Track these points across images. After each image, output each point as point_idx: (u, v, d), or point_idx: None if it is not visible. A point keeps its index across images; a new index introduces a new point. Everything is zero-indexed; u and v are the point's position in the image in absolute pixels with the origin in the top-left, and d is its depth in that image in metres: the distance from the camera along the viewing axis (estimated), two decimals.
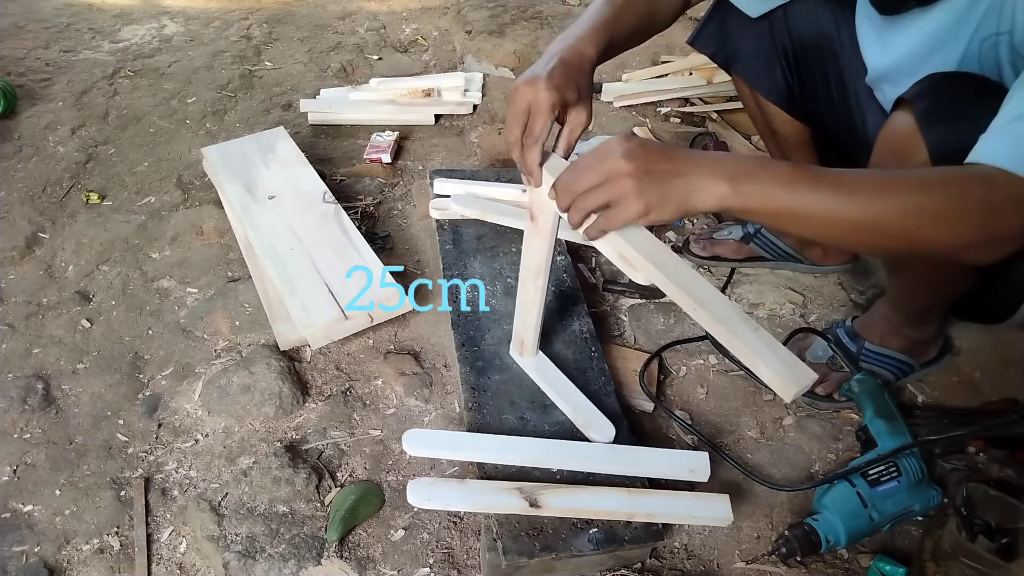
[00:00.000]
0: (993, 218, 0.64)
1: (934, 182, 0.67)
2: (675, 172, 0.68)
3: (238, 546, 0.95)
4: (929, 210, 0.65)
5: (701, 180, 0.67)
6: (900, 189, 0.66)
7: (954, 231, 0.65)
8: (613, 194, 0.69)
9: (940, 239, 0.66)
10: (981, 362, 1.21)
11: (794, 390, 0.64)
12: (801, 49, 1.11)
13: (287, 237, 1.33)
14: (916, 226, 0.65)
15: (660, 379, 1.18)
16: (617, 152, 0.68)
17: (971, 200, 0.65)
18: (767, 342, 0.66)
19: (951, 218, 0.65)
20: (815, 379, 0.65)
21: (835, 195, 0.66)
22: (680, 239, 1.47)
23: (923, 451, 0.97)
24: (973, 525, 0.84)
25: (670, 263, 0.72)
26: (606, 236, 0.74)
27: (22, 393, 1.15)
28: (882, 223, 0.66)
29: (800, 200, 0.66)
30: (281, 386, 1.13)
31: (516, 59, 2.14)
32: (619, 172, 0.68)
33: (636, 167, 0.67)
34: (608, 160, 0.69)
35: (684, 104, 1.94)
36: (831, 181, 0.67)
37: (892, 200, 0.65)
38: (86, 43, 2.31)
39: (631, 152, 0.68)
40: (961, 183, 0.66)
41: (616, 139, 0.70)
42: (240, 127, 1.88)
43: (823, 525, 0.90)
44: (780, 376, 0.64)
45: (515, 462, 0.94)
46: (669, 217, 0.69)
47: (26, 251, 1.46)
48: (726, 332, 0.67)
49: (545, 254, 0.88)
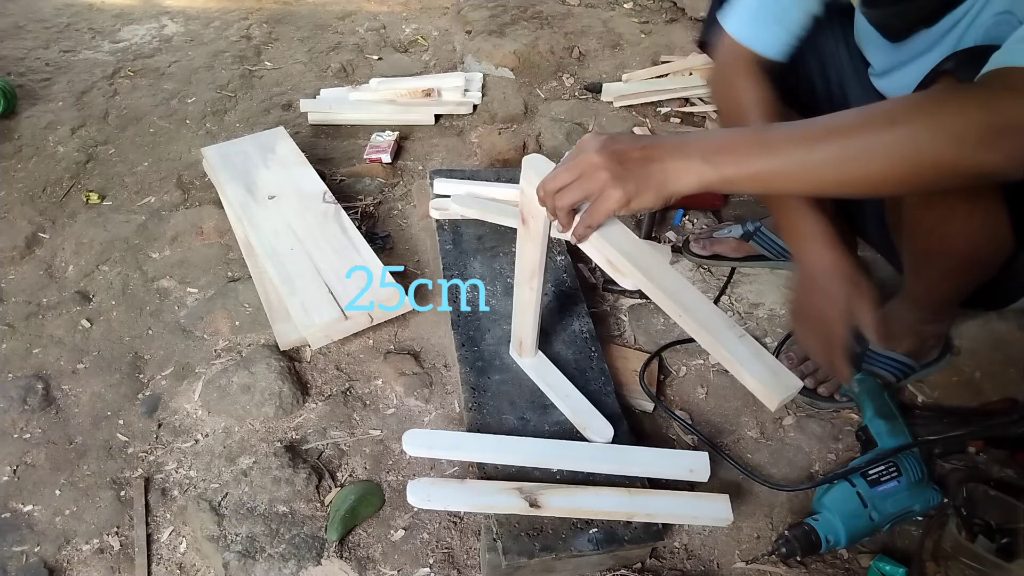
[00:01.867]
0: (995, 109, 0.60)
1: (918, 96, 0.65)
2: (649, 158, 0.68)
3: (238, 546, 0.95)
4: (919, 120, 0.62)
5: (675, 162, 0.67)
6: (882, 111, 0.64)
7: (951, 132, 0.60)
8: (590, 188, 0.69)
9: (940, 147, 0.61)
10: (981, 362, 1.21)
11: (779, 398, 0.63)
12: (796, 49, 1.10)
13: (287, 237, 1.33)
14: (908, 140, 0.62)
15: (660, 379, 1.18)
16: (589, 147, 0.69)
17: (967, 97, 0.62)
18: (752, 350, 0.66)
19: (943, 120, 0.61)
20: (800, 387, 0.65)
21: (812, 139, 0.65)
22: (680, 239, 1.47)
23: (923, 451, 0.97)
24: (973, 525, 0.84)
25: (657, 269, 0.72)
26: (593, 241, 0.74)
27: (22, 393, 1.15)
28: (870, 151, 0.63)
29: (779, 156, 0.65)
30: (281, 386, 1.13)
31: (516, 59, 2.14)
32: (593, 165, 0.68)
33: (609, 158, 0.68)
34: (581, 155, 0.70)
35: (684, 104, 1.94)
36: (805, 127, 0.66)
37: (875, 124, 0.63)
38: (86, 43, 2.31)
39: (603, 145, 0.69)
40: (954, 88, 0.64)
41: (589, 136, 0.71)
42: (240, 127, 1.88)
43: (823, 525, 0.90)
44: (764, 384, 0.64)
45: (515, 462, 0.94)
46: (651, 203, 0.69)
47: (26, 251, 1.46)
48: (711, 339, 0.67)
49: (538, 257, 0.88)
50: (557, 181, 0.72)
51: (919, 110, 0.62)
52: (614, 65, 2.14)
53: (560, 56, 2.18)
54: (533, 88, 2.05)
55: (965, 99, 0.62)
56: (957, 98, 0.62)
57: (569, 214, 0.73)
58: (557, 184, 0.72)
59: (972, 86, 0.64)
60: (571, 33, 2.27)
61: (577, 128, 1.83)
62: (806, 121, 0.67)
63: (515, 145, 1.77)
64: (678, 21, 2.37)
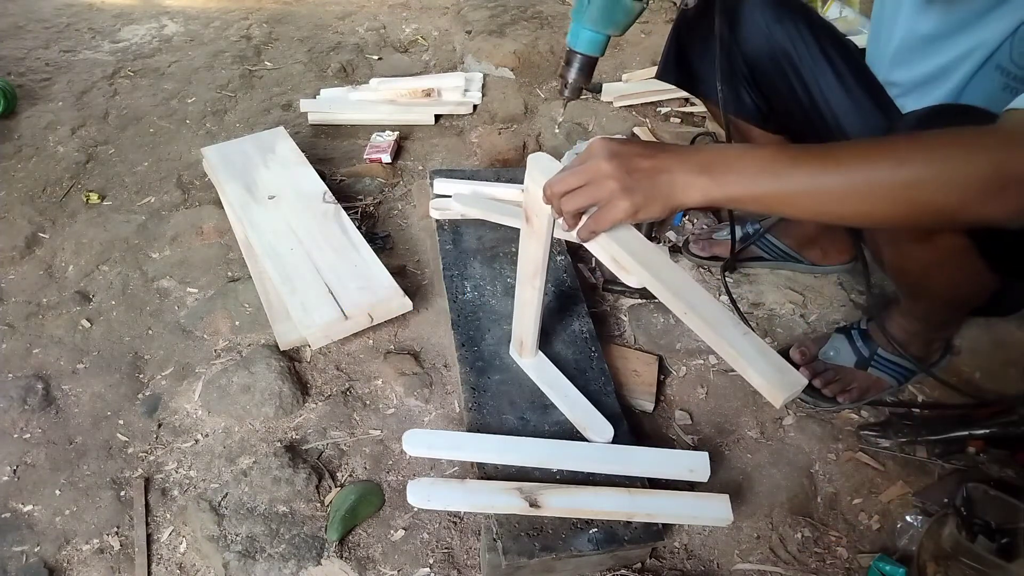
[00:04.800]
0: (1004, 161, 0.59)
1: (928, 138, 0.64)
2: (657, 169, 0.68)
3: (238, 546, 0.95)
4: (925, 165, 0.61)
5: (683, 176, 0.67)
6: (890, 150, 0.63)
7: (957, 180, 0.60)
8: (598, 196, 0.69)
9: (944, 194, 0.61)
10: (981, 362, 1.21)
11: (784, 395, 0.63)
12: (759, 68, 1.10)
13: (287, 237, 1.33)
14: (914, 183, 0.61)
15: (660, 379, 1.18)
16: (599, 154, 0.69)
17: (976, 145, 0.61)
18: (757, 347, 0.66)
19: (950, 168, 0.60)
20: (805, 384, 0.65)
21: (820, 169, 0.64)
22: (680, 239, 1.47)
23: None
24: (973, 525, 0.84)
25: (662, 267, 0.72)
26: (598, 239, 0.74)
27: (22, 393, 1.15)
28: (875, 189, 0.63)
29: (784, 181, 0.65)
30: (281, 386, 1.13)
31: (516, 59, 2.14)
32: (602, 174, 0.68)
33: (618, 167, 0.68)
34: (590, 162, 0.70)
35: (684, 104, 1.94)
36: (814, 155, 0.66)
37: (882, 162, 0.62)
38: (86, 43, 2.31)
39: (612, 153, 0.69)
40: (964, 134, 0.63)
41: (598, 141, 0.71)
42: (240, 127, 1.88)
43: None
44: (770, 381, 0.64)
45: (515, 462, 0.94)
46: (657, 214, 0.69)
47: (26, 251, 1.46)
48: (716, 336, 0.67)
49: (541, 255, 0.88)
50: (564, 184, 0.72)
51: (928, 154, 0.62)
52: (614, 65, 2.14)
53: (560, 56, 2.18)
54: (533, 88, 2.05)
55: (975, 147, 0.61)
56: (969, 145, 0.61)
57: (575, 216, 0.74)
58: (564, 187, 0.72)
59: (985, 132, 0.63)
60: None
61: (577, 128, 1.83)
62: (816, 147, 0.67)
63: (515, 145, 1.77)
64: None
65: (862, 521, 1.00)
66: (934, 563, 0.87)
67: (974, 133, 0.63)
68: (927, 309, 1.05)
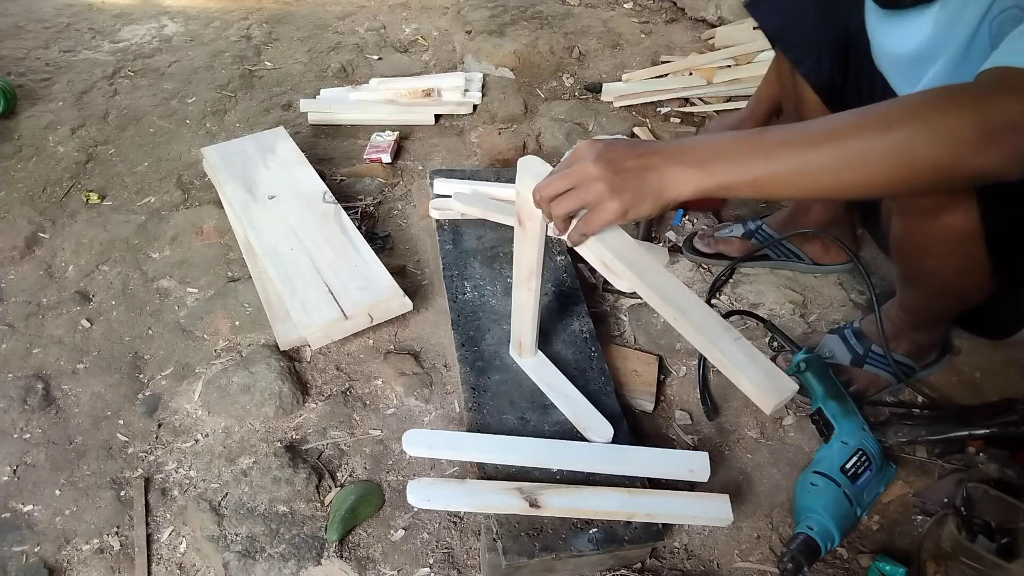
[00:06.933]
0: (991, 110, 0.59)
1: (911, 98, 0.64)
2: (645, 167, 0.68)
3: (238, 546, 0.95)
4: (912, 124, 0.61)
5: (672, 170, 0.67)
6: (876, 115, 0.63)
7: (945, 134, 0.60)
8: (586, 198, 0.69)
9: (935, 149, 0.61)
10: (981, 362, 1.21)
11: (774, 402, 0.63)
12: (854, 40, 1.04)
13: (287, 237, 1.33)
14: (904, 144, 0.61)
15: (660, 379, 1.18)
16: (586, 156, 0.69)
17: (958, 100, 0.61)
18: (748, 353, 0.66)
19: (935, 123, 0.60)
20: (796, 390, 0.64)
21: (809, 144, 0.64)
22: (680, 238, 1.47)
23: (868, 423, 1.00)
24: (973, 525, 0.84)
25: (651, 272, 0.72)
26: (588, 244, 0.74)
27: (22, 393, 1.15)
28: (867, 155, 0.62)
29: (775, 161, 0.65)
30: (281, 386, 1.13)
31: (516, 59, 2.14)
32: (590, 176, 0.68)
33: (605, 168, 0.68)
34: (577, 164, 0.69)
35: (684, 104, 1.94)
36: (801, 132, 0.65)
37: (870, 128, 0.62)
38: (86, 43, 2.31)
39: (599, 154, 0.68)
40: (946, 90, 0.63)
41: (586, 144, 0.70)
42: (240, 127, 1.88)
43: (819, 531, 0.89)
44: (760, 388, 0.64)
45: (515, 462, 0.94)
46: (648, 212, 0.69)
47: (26, 251, 1.46)
48: (706, 342, 0.67)
49: (535, 257, 0.88)
50: (553, 188, 0.71)
51: (914, 113, 0.62)
52: (614, 65, 2.14)
53: (560, 56, 2.18)
54: (533, 88, 2.05)
55: (960, 100, 0.61)
56: (952, 99, 0.62)
57: (565, 220, 0.73)
58: (553, 191, 0.72)
59: (967, 87, 0.63)
60: (571, 33, 2.27)
61: (577, 128, 1.83)
62: (801, 124, 0.66)
63: (515, 145, 1.77)
64: (678, 21, 2.36)
65: (862, 521, 1.00)
66: (934, 563, 0.87)
67: (955, 89, 0.63)
68: (917, 298, 1.04)
